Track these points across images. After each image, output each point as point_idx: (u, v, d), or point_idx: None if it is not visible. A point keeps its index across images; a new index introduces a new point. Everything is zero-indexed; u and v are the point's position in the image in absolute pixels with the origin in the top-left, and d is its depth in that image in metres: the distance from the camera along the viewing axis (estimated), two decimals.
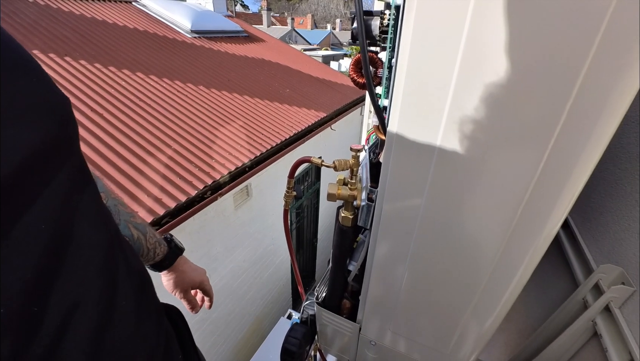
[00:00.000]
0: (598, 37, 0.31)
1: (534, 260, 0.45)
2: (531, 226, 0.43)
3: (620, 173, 0.74)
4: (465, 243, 0.47)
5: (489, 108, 0.37)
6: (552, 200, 0.40)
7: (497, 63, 0.35)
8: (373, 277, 0.60)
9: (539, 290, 1.02)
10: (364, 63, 0.44)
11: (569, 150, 0.37)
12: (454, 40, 0.35)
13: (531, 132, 0.37)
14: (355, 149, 0.53)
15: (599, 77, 0.33)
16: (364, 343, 0.73)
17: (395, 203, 0.48)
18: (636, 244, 0.62)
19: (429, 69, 0.37)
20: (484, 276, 0.49)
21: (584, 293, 0.69)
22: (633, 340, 0.55)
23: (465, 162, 0.41)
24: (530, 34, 0.33)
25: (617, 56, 0.31)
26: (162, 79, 3.27)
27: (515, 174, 0.40)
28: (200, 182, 2.31)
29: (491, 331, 0.55)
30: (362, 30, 0.43)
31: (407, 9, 0.36)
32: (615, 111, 0.34)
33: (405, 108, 0.41)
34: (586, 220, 0.83)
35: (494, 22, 0.33)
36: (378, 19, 0.44)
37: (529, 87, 0.35)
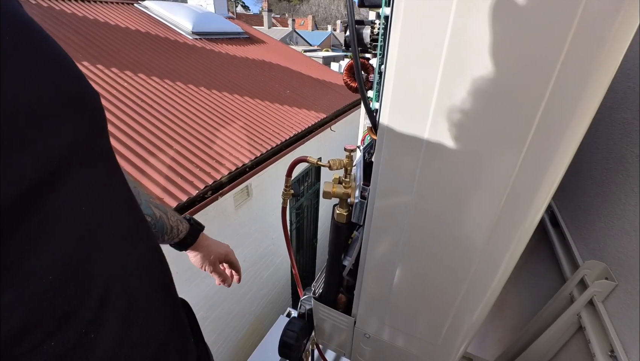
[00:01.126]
0: (566, 44, 0.34)
1: (519, 248, 0.48)
2: (514, 216, 0.45)
3: (607, 173, 0.77)
4: (452, 235, 0.50)
5: (470, 110, 0.40)
6: (532, 190, 0.43)
7: (476, 68, 0.37)
8: (366, 272, 0.63)
9: (531, 286, 1.05)
10: (356, 69, 0.47)
11: (546, 145, 0.40)
12: (436, 49, 0.38)
13: (510, 130, 0.40)
14: (349, 149, 0.56)
15: (569, 79, 0.36)
16: (358, 336, 0.76)
17: (386, 200, 0.51)
18: (619, 241, 0.65)
19: (414, 75, 0.40)
20: (472, 266, 0.51)
21: (571, 288, 0.72)
22: (614, 331, 0.58)
23: (450, 159, 0.44)
24: (506, 43, 0.36)
25: (585, 59, 0.34)
26: (163, 80, 3.31)
27: (496, 168, 0.43)
28: (201, 181, 2.34)
29: (479, 320, 0.58)
30: (354, 38, 0.46)
31: (394, 20, 0.39)
32: (586, 109, 0.37)
33: (394, 111, 0.44)
34: (575, 218, 0.86)
35: (473, 33, 0.36)
36: (369, 28, 0.47)
37: (506, 88, 0.38)
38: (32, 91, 0.26)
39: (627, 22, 0.33)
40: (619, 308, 0.60)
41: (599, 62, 0.34)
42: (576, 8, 0.33)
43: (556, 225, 0.92)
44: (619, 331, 0.58)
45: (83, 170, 0.31)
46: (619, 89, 0.82)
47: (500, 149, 0.41)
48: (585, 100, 0.37)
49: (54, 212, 0.28)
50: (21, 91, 0.25)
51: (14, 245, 0.25)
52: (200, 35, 4.85)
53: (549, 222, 0.97)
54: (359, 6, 0.46)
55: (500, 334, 1.16)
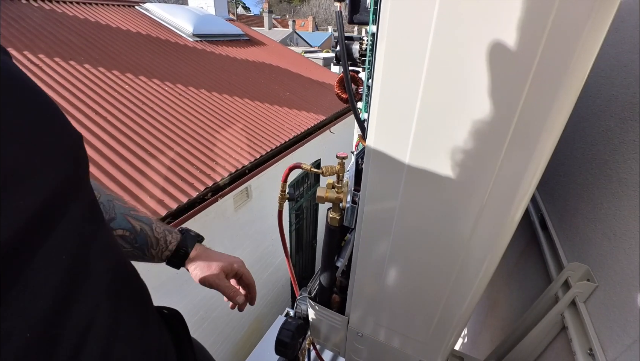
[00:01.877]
0: (539, 50, 0.36)
1: (501, 246, 0.51)
2: (495, 216, 0.48)
3: (591, 178, 0.80)
4: (437, 236, 0.53)
5: (450, 117, 0.43)
6: (512, 189, 0.45)
7: (453, 82, 0.41)
8: (358, 273, 0.66)
9: (522, 287, 1.08)
10: (346, 82, 0.50)
11: (524, 145, 0.42)
12: (418, 64, 0.41)
13: (489, 136, 0.43)
14: (341, 157, 0.59)
15: (543, 84, 0.38)
16: (352, 334, 0.79)
17: (375, 205, 0.54)
18: (600, 244, 0.68)
19: (398, 88, 0.43)
20: (456, 265, 0.54)
21: (556, 288, 0.75)
22: (593, 330, 0.61)
23: (433, 164, 0.47)
24: (481, 55, 0.39)
25: (559, 61, 0.37)
26: (164, 82, 3.34)
27: (477, 171, 0.45)
28: (201, 183, 2.37)
29: (465, 318, 0.61)
30: (344, 53, 0.49)
31: (380, 38, 0.42)
32: (562, 106, 0.40)
33: (380, 121, 0.47)
34: (562, 221, 0.89)
35: (449, 51, 0.39)
36: (358, 44, 0.50)
37: (484, 96, 0.41)
38: (21, 146, 0.27)
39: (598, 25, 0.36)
40: (598, 309, 0.63)
41: (571, 66, 0.37)
42: (547, 20, 0.36)
43: (545, 228, 0.95)
44: (598, 331, 0.61)
45: (65, 214, 0.31)
46: (604, 96, 0.85)
47: (480, 154, 0.44)
48: (560, 98, 0.39)
49: (34, 265, 0.28)
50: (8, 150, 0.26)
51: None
52: (200, 37, 4.88)
53: (538, 224, 1.00)
54: (349, 23, 0.49)
55: (493, 334, 1.19)
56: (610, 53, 0.87)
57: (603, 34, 0.37)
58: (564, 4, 0.35)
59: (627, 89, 0.75)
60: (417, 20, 0.39)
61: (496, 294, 1.29)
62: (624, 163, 0.69)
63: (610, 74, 0.85)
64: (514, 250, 1.22)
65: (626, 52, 0.80)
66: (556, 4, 0.35)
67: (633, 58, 0.76)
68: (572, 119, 1.01)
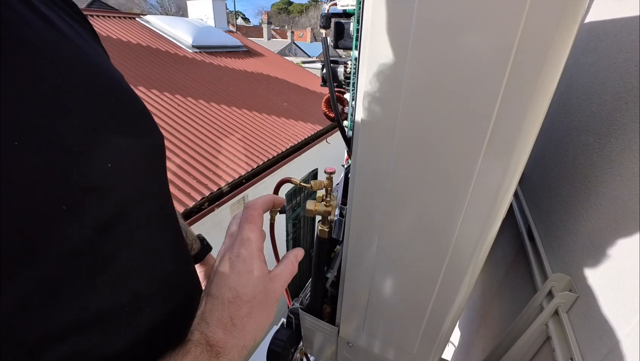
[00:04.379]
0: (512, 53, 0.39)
1: (483, 252, 0.53)
2: (476, 223, 0.50)
3: (573, 190, 0.82)
4: (421, 245, 0.55)
5: (428, 137, 0.46)
6: (491, 195, 0.48)
7: (430, 106, 0.43)
8: (346, 283, 0.68)
9: (512, 297, 1.10)
10: (332, 102, 0.53)
11: (503, 145, 0.44)
12: (396, 87, 0.44)
13: (466, 147, 0.45)
14: (329, 172, 0.62)
15: (519, 84, 0.40)
16: (342, 344, 0.80)
17: (360, 217, 0.57)
18: (581, 255, 0.70)
19: (379, 109, 0.46)
20: (439, 275, 0.56)
21: (541, 299, 0.77)
22: (574, 340, 0.63)
23: (414, 177, 0.49)
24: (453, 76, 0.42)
25: (532, 65, 0.39)
26: (163, 92, 3.39)
27: (456, 180, 0.48)
28: (198, 193, 2.39)
29: (451, 328, 0.63)
30: (330, 75, 0.52)
31: (361, 64, 0.45)
32: (538, 107, 0.42)
33: (363, 139, 0.50)
34: (548, 233, 0.91)
35: (425, 76, 0.42)
36: (342, 67, 0.53)
37: (458, 114, 0.43)
38: None
39: None
40: (579, 319, 0.65)
41: (544, 72, 0.39)
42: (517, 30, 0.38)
43: (532, 239, 0.97)
44: (579, 340, 0.62)
45: None
46: (584, 112, 0.88)
47: (459, 165, 0.47)
48: (535, 100, 0.42)
49: None
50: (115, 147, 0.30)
51: None
52: (200, 48, 4.97)
53: (526, 235, 1.02)
54: (334, 47, 0.52)
55: (485, 344, 1.20)
56: (589, 71, 0.92)
57: (566, 53, 0.40)
58: (529, 26, 0.38)
59: (604, 105, 0.79)
60: (394, 47, 0.42)
61: (488, 304, 1.30)
62: (602, 177, 0.72)
63: (589, 91, 0.89)
64: (504, 260, 1.24)
65: (603, 70, 0.84)
66: (522, 22, 0.38)
67: (609, 76, 0.80)
68: (557, 133, 1.04)
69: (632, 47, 0.73)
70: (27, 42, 0.25)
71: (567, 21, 0.38)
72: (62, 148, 0.25)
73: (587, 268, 0.67)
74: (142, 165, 0.33)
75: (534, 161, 1.17)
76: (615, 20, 0.86)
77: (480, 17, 0.38)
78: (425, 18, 0.40)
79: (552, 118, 1.10)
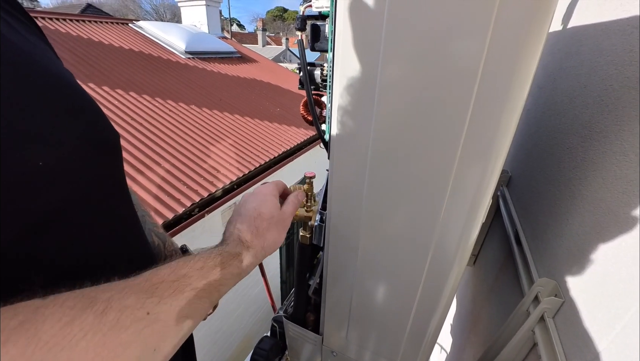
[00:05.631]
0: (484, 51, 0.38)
1: (466, 251, 0.52)
2: (456, 222, 0.49)
3: (558, 194, 0.82)
4: (401, 248, 0.54)
5: (403, 137, 0.45)
6: (468, 194, 0.47)
7: (403, 106, 0.43)
8: (328, 290, 0.66)
9: (501, 303, 1.08)
10: (310, 105, 0.52)
11: (478, 147, 0.43)
12: (370, 88, 0.43)
13: (442, 147, 0.44)
14: (309, 176, 0.61)
15: (491, 88, 0.40)
16: (326, 354, 0.78)
17: (339, 223, 0.55)
18: (566, 259, 0.70)
19: (352, 111, 0.45)
20: (421, 278, 0.55)
21: (528, 304, 0.75)
22: (560, 346, 0.62)
23: (389, 181, 0.48)
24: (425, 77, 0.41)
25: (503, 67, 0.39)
26: (154, 98, 3.37)
27: (433, 181, 0.47)
28: (188, 199, 2.36)
29: (436, 333, 0.61)
30: (307, 78, 0.51)
31: (335, 65, 0.44)
32: (512, 108, 0.41)
33: (339, 143, 0.48)
34: (534, 237, 0.91)
35: (397, 77, 0.41)
36: (319, 69, 0.53)
37: (432, 114, 0.42)
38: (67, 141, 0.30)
39: None
40: (565, 324, 0.64)
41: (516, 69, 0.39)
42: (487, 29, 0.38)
43: (519, 243, 0.97)
44: (565, 346, 0.61)
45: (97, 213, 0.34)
46: (568, 115, 0.88)
47: (435, 166, 0.45)
48: (511, 96, 0.41)
49: None
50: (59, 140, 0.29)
51: None
52: (193, 54, 4.96)
53: (513, 239, 1.01)
54: (311, 50, 0.51)
55: (475, 350, 1.18)
56: (572, 74, 0.92)
57: (536, 58, 0.39)
58: (498, 29, 0.37)
59: (587, 108, 0.79)
60: (366, 48, 0.41)
61: (479, 309, 1.29)
62: (585, 180, 0.71)
63: (572, 94, 0.89)
64: (494, 264, 1.24)
65: (585, 74, 0.84)
66: (490, 31, 0.37)
67: (591, 80, 0.80)
68: (543, 136, 1.04)
69: (611, 50, 0.74)
70: None
71: (537, 24, 0.37)
72: None
73: (571, 273, 0.66)
74: (83, 164, 0.32)
75: (522, 164, 1.17)
76: (596, 24, 0.87)
77: (451, 20, 0.38)
78: (396, 21, 0.39)
79: (538, 122, 1.10)
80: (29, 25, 0.36)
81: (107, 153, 0.37)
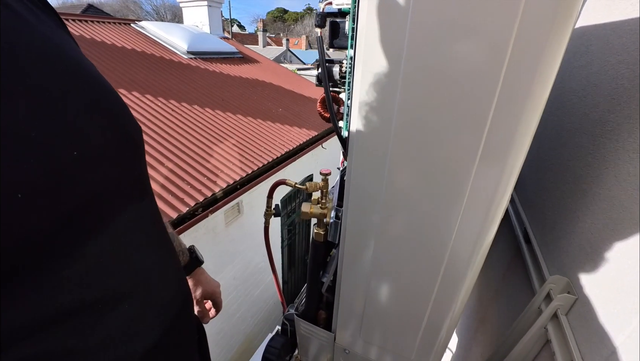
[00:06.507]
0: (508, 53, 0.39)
1: (481, 254, 0.52)
2: (474, 222, 0.49)
3: (568, 192, 0.82)
4: (418, 248, 0.54)
5: (424, 135, 0.45)
6: (488, 196, 0.47)
7: (426, 104, 0.43)
8: (343, 288, 0.66)
9: (509, 301, 1.09)
10: (328, 102, 0.52)
11: (498, 149, 0.44)
12: (393, 85, 0.43)
13: (462, 148, 0.44)
14: (324, 173, 0.61)
15: (513, 87, 0.40)
16: (338, 352, 0.78)
17: (356, 220, 0.55)
18: (578, 256, 0.70)
19: (375, 108, 0.46)
20: (437, 278, 0.55)
21: (539, 302, 0.76)
22: (574, 342, 0.62)
23: (411, 178, 0.48)
24: (449, 75, 0.41)
25: (526, 69, 0.39)
26: (157, 98, 3.37)
27: (453, 182, 0.47)
28: (192, 199, 2.36)
29: (450, 333, 0.61)
30: (325, 75, 0.51)
31: (357, 61, 0.44)
32: (533, 111, 0.42)
33: (359, 140, 0.49)
34: (544, 235, 0.91)
35: (421, 73, 0.41)
36: (338, 66, 0.53)
37: (454, 115, 0.43)
38: (90, 133, 0.30)
39: None
40: (579, 321, 0.64)
41: (540, 70, 0.39)
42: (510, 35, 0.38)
43: (528, 241, 0.97)
44: (579, 342, 0.61)
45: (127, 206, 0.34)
46: (577, 114, 0.89)
47: (455, 167, 0.46)
48: (532, 98, 0.41)
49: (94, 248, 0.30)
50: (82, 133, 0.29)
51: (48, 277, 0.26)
52: (195, 54, 4.97)
53: (522, 237, 1.02)
54: (329, 47, 0.52)
55: (483, 349, 1.18)
56: (581, 74, 0.93)
57: (559, 57, 0.40)
58: (523, 29, 0.38)
59: (597, 107, 0.79)
60: (389, 45, 0.42)
61: (485, 309, 1.29)
62: (597, 178, 0.72)
63: (581, 93, 0.89)
64: (501, 264, 1.24)
65: (594, 73, 0.85)
66: (515, 29, 0.38)
67: (601, 78, 0.81)
68: (551, 135, 1.05)
69: (623, 50, 0.74)
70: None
71: (560, 25, 0.38)
72: (16, 134, 0.24)
73: (584, 269, 0.66)
74: (113, 154, 0.32)
75: (528, 164, 1.17)
76: (605, 24, 0.87)
77: (476, 20, 0.38)
78: (420, 20, 0.40)
79: (545, 122, 1.11)
80: (52, 16, 0.36)
81: (134, 146, 0.37)
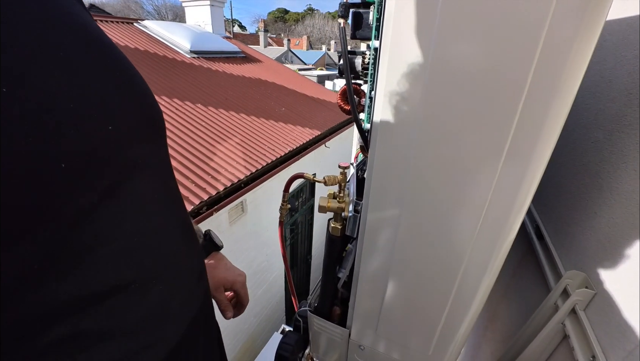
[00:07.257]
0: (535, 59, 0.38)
1: (502, 252, 0.52)
2: (495, 224, 0.49)
3: (583, 188, 0.82)
4: (439, 245, 0.54)
5: (451, 131, 0.45)
6: (511, 197, 0.47)
7: (453, 97, 0.42)
8: (360, 283, 0.66)
9: (520, 298, 1.08)
10: (349, 94, 0.52)
11: (522, 152, 0.44)
12: (419, 78, 0.43)
13: (488, 145, 0.44)
14: (343, 166, 0.60)
15: (543, 80, 0.40)
16: (353, 348, 0.78)
17: (377, 214, 0.55)
18: (596, 252, 0.69)
19: (400, 100, 0.45)
20: (457, 277, 0.55)
21: (555, 298, 0.75)
22: (594, 337, 0.61)
23: (435, 175, 0.48)
24: (478, 70, 0.41)
25: (552, 75, 0.39)
26: (160, 96, 3.37)
27: (477, 181, 0.47)
28: (196, 197, 2.36)
29: (468, 329, 0.61)
30: (347, 66, 0.51)
31: (382, 52, 0.44)
32: (558, 115, 0.42)
33: (382, 132, 0.48)
34: (557, 231, 0.90)
35: (450, 65, 0.41)
36: (360, 58, 0.52)
37: (481, 111, 0.42)
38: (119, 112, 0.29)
39: None
40: (598, 316, 0.64)
41: (566, 74, 0.39)
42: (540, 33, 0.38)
43: (541, 238, 0.97)
44: (599, 337, 0.61)
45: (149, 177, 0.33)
46: (591, 110, 0.89)
47: (479, 166, 0.46)
48: (556, 106, 0.41)
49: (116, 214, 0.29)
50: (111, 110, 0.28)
51: None
52: (198, 54, 4.97)
53: (534, 234, 1.01)
54: (351, 38, 0.51)
55: (493, 347, 1.18)
56: (595, 70, 0.92)
57: (589, 53, 0.39)
58: (553, 26, 0.38)
59: (613, 102, 0.79)
60: (418, 35, 0.41)
61: (495, 306, 1.28)
62: (614, 173, 0.71)
63: (596, 89, 0.89)
64: (510, 262, 1.23)
65: (609, 69, 0.84)
66: (546, 26, 0.38)
67: (617, 74, 0.81)
68: (563, 132, 1.04)
69: None
70: None
71: (593, 15, 0.37)
72: (56, 106, 0.23)
73: (603, 264, 0.66)
74: (142, 133, 0.32)
75: None
76: (620, 19, 0.87)
77: (507, 11, 0.38)
78: (450, 9, 0.39)
79: None
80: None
81: (158, 127, 0.37)
